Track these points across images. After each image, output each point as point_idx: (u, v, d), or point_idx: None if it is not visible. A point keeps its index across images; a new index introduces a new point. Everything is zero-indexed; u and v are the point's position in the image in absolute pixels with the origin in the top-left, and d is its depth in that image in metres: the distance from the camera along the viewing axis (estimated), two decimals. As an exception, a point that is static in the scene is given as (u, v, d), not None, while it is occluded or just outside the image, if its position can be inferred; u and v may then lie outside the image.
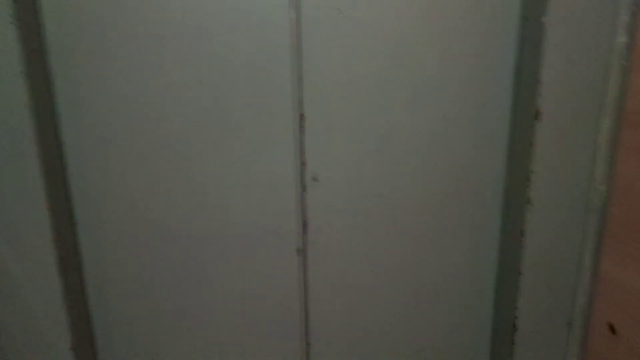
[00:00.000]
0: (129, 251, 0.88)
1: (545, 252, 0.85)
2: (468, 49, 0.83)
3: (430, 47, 0.82)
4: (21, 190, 0.76)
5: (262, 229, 0.88)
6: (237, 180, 0.85)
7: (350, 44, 0.81)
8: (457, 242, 0.92)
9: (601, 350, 0.83)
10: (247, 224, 0.88)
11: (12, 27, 0.69)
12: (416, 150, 0.87)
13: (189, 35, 0.78)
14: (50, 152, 0.78)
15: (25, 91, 0.71)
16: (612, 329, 0.80)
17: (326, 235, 0.90)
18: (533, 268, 0.85)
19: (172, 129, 0.82)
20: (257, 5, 0.77)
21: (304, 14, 0.79)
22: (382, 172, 0.88)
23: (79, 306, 0.88)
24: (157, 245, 0.88)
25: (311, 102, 0.83)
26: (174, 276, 0.90)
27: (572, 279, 0.87)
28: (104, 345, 0.93)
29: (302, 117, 0.83)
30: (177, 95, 0.81)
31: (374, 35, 0.81)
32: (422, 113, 0.85)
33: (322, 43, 0.80)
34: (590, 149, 0.82)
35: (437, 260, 0.93)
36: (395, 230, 0.91)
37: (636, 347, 0.76)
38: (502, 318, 0.94)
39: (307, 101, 0.83)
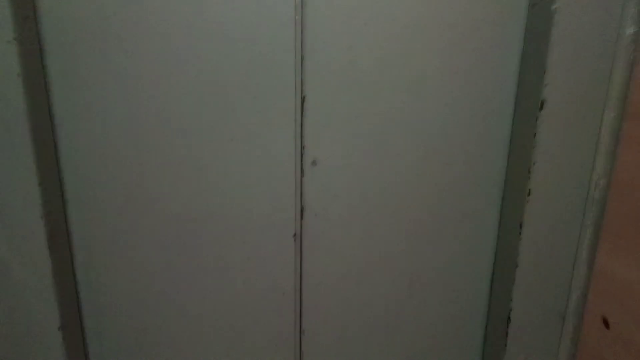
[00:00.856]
0: (119, 230, 0.86)
1: (543, 245, 0.85)
2: (473, 34, 0.81)
3: (435, 32, 0.80)
4: (11, 165, 0.73)
5: (259, 213, 0.87)
6: (234, 162, 0.84)
7: (355, 24, 0.79)
8: (454, 232, 0.92)
9: (594, 344, 0.83)
10: (243, 208, 0.86)
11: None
12: (417, 136, 0.86)
13: (186, 13, 0.75)
14: (40, 125, 0.75)
15: (16, 60, 0.68)
16: (606, 323, 0.80)
17: (323, 221, 0.89)
18: (530, 260, 0.85)
19: (167, 106, 0.80)
20: (262, -20, 0.75)
21: (309, -7, 0.77)
22: (381, 159, 0.86)
23: (68, 285, 0.86)
24: (149, 226, 0.86)
25: (313, 84, 0.81)
26: (165, 257, 0.88)
27: (568, 272, 0.87)
28: (92, 325, 0.92)
29: (303, 99, 0.81)
30: (174, 71, 0.78)
31: (379, 16, 0.79)
32: (424, 99, 0.84)
33: (325, 23, 0.78)
34: (592, 141, 0.81)
35: (434, 249, 0.93)
36: (392, 217, 0.90)
37: (629, 341, 0.76)
38: (496, 310, 0.93)
39: (308, 83, 0.81)
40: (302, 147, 0.84)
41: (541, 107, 0.77)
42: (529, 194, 0.82)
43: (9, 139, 0.72)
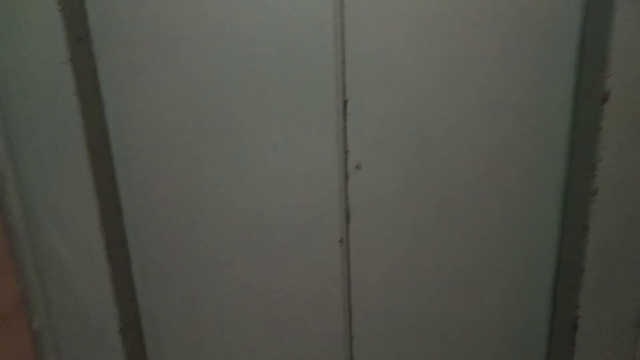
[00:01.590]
0: (171, 238, 0.89)
1: (612, 248, 0.78)
2: (525, 25, 0.76)
3: (483, 24, 0.76)
4: (70, 177, 0.77)
5: (304, 219, 0.86)
6: (278, 168, 0.84)
7: (397, 26, 0.76)
8: (512, 235, 0.87)
9: (676, 357, 0.75)
10: (288, 213, 0.86)
11: (58, 14, 0.69)
12: (466, 136, 0.82)
13: (230, 18, 0.76)
14: (97, 140, 0.79)
15: (71, 79, 0.72)
16: (690, 334, 0.72)
17: (369, 225, 0.87)
18: (598, 264, 0.79)
19: (213, 115, 0.81)
20: (300, -16, 0.74)
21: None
22: (428, 161, 0.83)
23: (126, 291, 0.90)
24: (199, 233, 0.88)
25: (355, 88, 0.79)
26: (215, 264, 0.90)
27: (642, 277, 0.80)
28: (150, 329, 0.95)
29: (345, 102, 0.80)
30: (217, 80, 0.79)
31: (422, 15, 0.76)
32: (474, 97, 0.80)
33: (365, 25, 0.76)
34: (666, 134, 0.74)
35: (489, 254, 0.88)
36: (443, 221, 0.86)
37: None
38: (562, 317, 0.87)
39: (350, 86, 0.79)
40: (346, 151, 0.82)
41: (605, 100, 0.71)
42: (595, 194, 0.75)
43: (67, 153, 0.76)
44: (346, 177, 0.84)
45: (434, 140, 0.82)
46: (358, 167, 0.84)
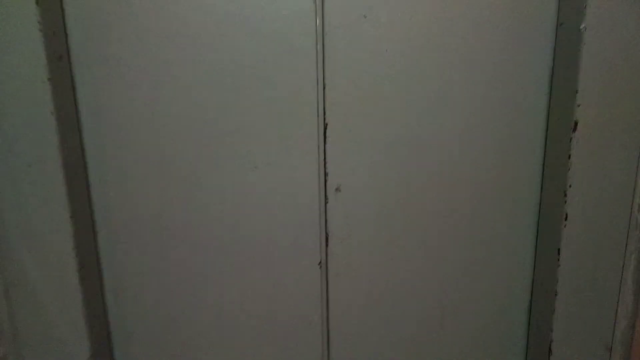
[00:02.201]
0: (147, 260, 0.87)
1: (584, 272, 0.80)
2: (499, 56, 0.79)
3: (459, 54, 0.79)
4: (44, 197, 0.76)
5: (283, 241, 0.86)
6: (258, 189, 0.84)
7: (375, 51, 0.78)
8: (487, 259, 0.88)
9: (646, 380, 0.77)
10: (267, 235, 0.86)
11: (38, 33, 0.69)
12: (444, 161, 0.83)
13: (212, 42, 0.77)
14: (73, 160, 0.78)
15: (50, 98, 0.72)
16: (659, 357, 0.74)
17: (348, 247, 0.87)
18: (570, 289, 0.80)
19: (192, 137, 0.81)
20: (281, 11, 0.76)
21: (328, 21, 0.77)
22: (407, 183, 0.84)
23: (98, 314, 0.87)
24: (175, 255, 0.87)
25: (335, 112, 0.81)
26: (192, 287, 0.88)
27: (613, 300, 0.82)
28: (122, 354, 0.92)
29: (325, 126, 0.81)
30: (198, 101, 0.80)
31: (399, 42, 0.78)
32: (450, 123, 0.82)
33: (346, 51, 0.78)
34: (632, 161, 0.77)
35: (465, 278, 0.89)
36: (420, 244, 0.87)
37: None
38: (536, 341, 0.88)
39: (330, 110, 0.81)
40: (326, 174, 0.83)
41: (574, 128, 0.74)
42: (565, 218, 0.78)
43: (42, 173, 0.75)
44: (326, 199, 0.85)
45: (412, 164, 0.84)
46: (338, 189, 0.84)
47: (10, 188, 0.76)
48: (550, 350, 0.83)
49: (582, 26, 0.71)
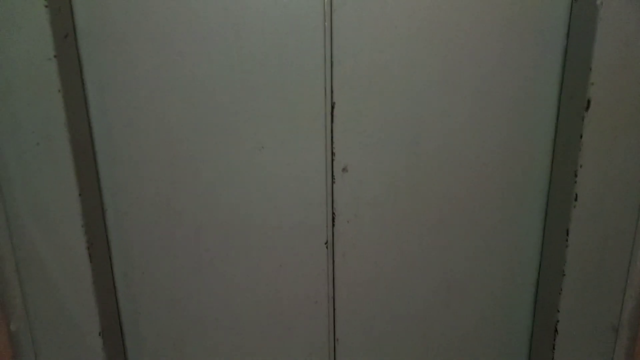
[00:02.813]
0: (155, 239, 0.88)
1: (592, 253, 0.80)
2: (511, 32, 0.77)
3: (469, 30, 0.77)
4: (52, 175, 0.76)
5: (290, 221, 0.86)
6: (265, 170, 0.84)
7: (385, 28, 0.77)
8: (495, 238, 0.88)
9: (652, 360, 0.77)
10: (274, 215, 0.86)
11: (44, 10, 0.69)
12: (452, 140, 0.83)
13: (218, 20, 0.76)
14: (80, 138, 0.78)
15: (56, 76, 0.71)
16: (666, 338, 0.74)
17: (355, 227, 0.87)
18: (578, 269, 0.80)
19: (199, 116, 0.81)
20: (289, -12, 0.75)
21: (336, -2, 0.75)
22: (414, 164, 0.84)
23: (108, 292, 0.88)
24: (183, 234, 0.87)
25: (342, 91, 0.80)
26: (200, 266, 0.89)
27: (621, 281, 0.81)
28: (131, 331, 0.94)
29: (333, 105, 0.80)
30: (205, 80, 0.79)
31: (409, 18, 0.76)
32: (459, 101, 0.81)
33: (354, 29, 0.77)
34: (644, 142, 0.75)
35: (473, 256, 0.89)
36: (427, 224, 0.87)
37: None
38: (542, 321, 0.88)
39: (338, 89, 0.80)
40: (333, 154, 0.83)
41: (587, 107, 0.73)
42: (575, 199, 0.77)
43: (50, 151, 0.75)
44: (333, 179, 0.84)
45: (420, 144, 0.83)
46: (345, 169, 0.84)
47: (19, 166, 0.76)
48: (556, 330, 0.83)
49: (598, 1, 0.68)
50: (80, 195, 0.77)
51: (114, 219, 0.87)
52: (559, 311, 0.82)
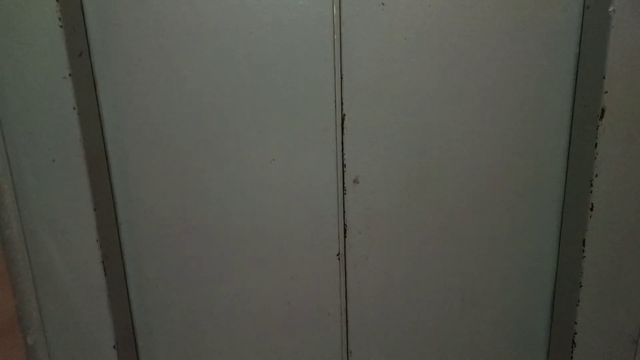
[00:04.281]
0: (168, 252, 0.88)
1: (609, 263, 0.78)
2: (523, 42, 0.77)
3: (480, 39, 0.77)
4: (68, 191, 0.77)
5: (302, 233, 0.86)
6: (276, 182, 0.84)
7: (393, 40, 0.77)
8: (509, 250, 0.87)
9: (675, 374, 0.75)
10: (285, 227, 0.86)
11: (59, 30, 0.70)
12: (463, 150, 0.82)
13: (229, 35, 0.77)
14: (95, 154, 0.79)
15: (71, 94, 0.73)
16: (688, 351, 0.72)
17: (367, 239, 0.87)
18: (595, 280, 0.78)
19: (211, 130, 0.82)
20: (298, 1, 0.75)
21: (346, 10, 0.76)
22: (425, 174, 0.83)
23: (122, 305, 0.89)
24: (195, 247, 0.88)
25: (352, 102, 0.80)
26: (212, 278, 0.89)
27: (639, 292, 0.80)
28: (145, 344, 0.94)
29: (343, 117, 0.80)
30: (216, 94, 0.80)
31: (418, 30, 0.76)
32: (470, 111, 0.80)
33: (364, 40, 0.77)
34: (661, 150, 0.74)
35: (486, 268, 0.88)
36: (439, 234, 0.86)
37: None
38: (559, 333, 0.87)
39: (348, 101, 0.80)
40: (344, 165, 0.83)
41: (601, 116, 0.71)
42: (591, 209, 0.75)
43: (65, 168, 0.76)
44: (344, 191, 0.84)
45: (431, 155, 0.82)
46: (356, 181, 0.84)
47: (36, 182, 0.77)
48: (573, 342, 0.82)
49: (610, 9, 0.68)
50: (95, 210, 0.78)
51: (128, 232, 0.88)
52: (576, 323, 0.81)
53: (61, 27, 0.70)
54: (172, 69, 0.79)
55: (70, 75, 0.72)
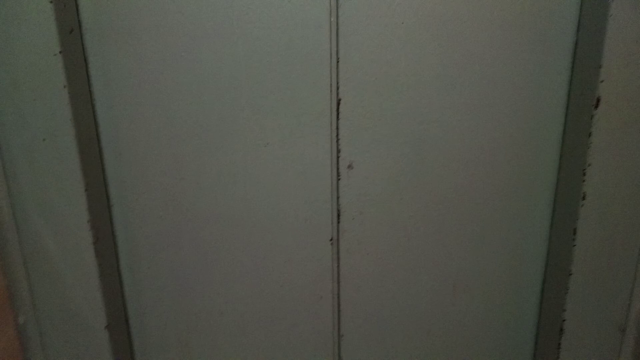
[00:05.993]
0: (161, 234, 0.88)
1: (599, 252, 0.79)
2: (519, 28, 0.76)
3: (477, 26, 0.76)
4: (59, 171, 0.76)
5: (295, 217, 0.86)
6: (270, 167, 0.83)
7: (391, 24, 0.76)
8: (501, 236, 0.87)
9: (659, 361, 0.76)
10: (279, 212, 0.86)
11: (49, 6, 0.68)
12: (458, 137, 0.82)
13: (224, 14, 0.76)
14: (86, 133, 0.78)
15: (62, 72, 0.71)
16: (673, 339, 0.74)
17: (360, 224, 0.87)
18: (585, 268, 0.79)
19: (204, 112, 0.81)
20: (295, -17, 0.74)
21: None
22: (420, 161, 0.83)
23: (114, 286, 0.89)
24: (188, 229, 0.88)
25: (348, 87, 0.79)
26: (205, 261, 0.89)
27: (628, 281, 0.81)
28: (137, 324, 0.95)
29: (339, 102, 0.80)
30: (210, 76, 0.79)
31: (415, 14, 0.76)
32: (466, 98, 0.80)
33: (361, 24, 0.76)
34: (655, 140, 0.74)
35: (479, 254, 0.89)
36: (433, 221, 0.87)
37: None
38: (548, 320, 0.88)
39: (344, 86, 0.79)
40: (338, 151, 0.82)
41: (596, 105, 0.71)
42: (583, 198, 0.76)
43: (56, 147, 0.75)
44: (338, 176, 0.84)
45: (426, 141, 0.82)
46: (350, 166, 0.84)
47: (26, 162, 0.76)
48: (562, 329, 0.83)
49: (609, -3, 0.67)
50: (86, 190, 0.78)
51: (120, 214, 0.87)
52: (565, 310, 0.82)
53: (51, 2, 0.68)
54: (165, 49, 0.77)
55: (60, 52, 0.71)
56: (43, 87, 0.72)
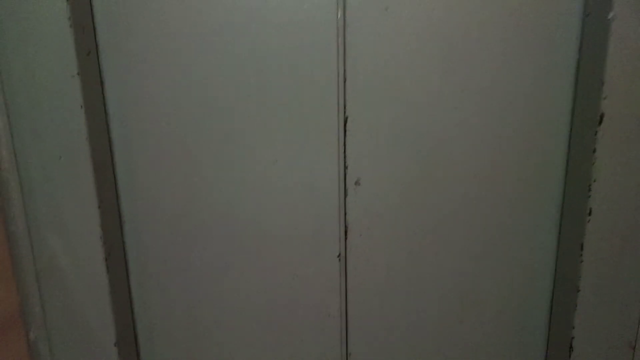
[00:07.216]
0: (171, 252, 0.89)
1: (607, 268, 0.79)
2: (523, 47, 0.78)
3: (482, 45, 0.78)
4: (73, 188, 0.78)
5: (303, 233, 0.87)
6: (278, 183, 0.85)
7: (397, 44, 0.78)
8: (508, 254, 0.87)
9: (672, 379, 0.75)
10: (287, 228, 0.87)
11: (69, 29, 0.72)
12: (465, 155, 0.83)
13: (234, 36, 0.78)
14: (101, 152, 0.80)
15: (79, 92, 0.74)
16: (685, 356, 0.73)
17: (368, 241, 0.88)
18: (593, 285, 0.79)
19: (215, 130, 0.83)
20: (303, 5, 0.76)
21: (350, 14, 0.77)
22: (428, 178, 0.84)
23: (124, 303, 0.90)
24: (197, 246, 0.89)
25: (355, 105, 0.81)
26: (214, 278, 0.90)
27: (637, 297, 0.80)
28: (146, 342, 0.95)
29: (346, 119, 0.81)
30: (221, 95, 0.81)
31: (421, 35, 0.78)
32: (472, 116, 0.81)
33: (367, 43, 0.78)
34: (660, 156, 0.75)
35: (485, 272, 0.88)
36: (440, 237, 0.87)
37: None
38: (557, 338, 0.87)
39: (350, 103, 0.81)
40: (345, 167, 0.84)
41: (600, 121, 0.72)
42: (590, 213, 0.76)
43: (71, 165, 0.77)
44: (345, 192, 0.85)
45: (432, 158, 0.83)
46: (357, 183, 0.85)
47: (42, 179, 0.79)
48: (571, 346, 0.82)
49: (610, 15, 0.69)
50: (99, 207, 0.79)
51: (131, 230, 0.89)
52: (574, 327, 0.81)
53: (71, 27, 0.72)
54: (177, 70, 0.80)
55: (78, 74, 0.73)
56: (61, 107, 0.75)
